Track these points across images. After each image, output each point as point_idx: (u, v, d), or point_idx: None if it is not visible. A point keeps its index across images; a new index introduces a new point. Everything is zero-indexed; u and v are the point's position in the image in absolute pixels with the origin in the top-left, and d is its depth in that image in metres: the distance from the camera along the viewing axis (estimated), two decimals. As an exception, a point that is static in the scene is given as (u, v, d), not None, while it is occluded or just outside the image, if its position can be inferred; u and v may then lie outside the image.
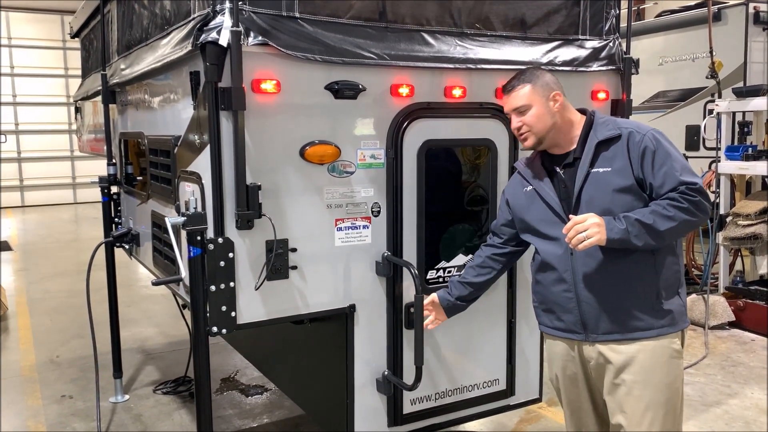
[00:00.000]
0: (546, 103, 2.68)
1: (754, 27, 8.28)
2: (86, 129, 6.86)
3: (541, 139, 2.70)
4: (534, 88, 2.68)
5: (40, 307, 8.09)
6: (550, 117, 2.68)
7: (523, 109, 2.69)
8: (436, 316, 3.11)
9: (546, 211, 2.71)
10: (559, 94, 2.70)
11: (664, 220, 2.45)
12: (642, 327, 2.59)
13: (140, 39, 4.04)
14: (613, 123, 2.68)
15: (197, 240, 2.87)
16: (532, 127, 2.68)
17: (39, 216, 16.93)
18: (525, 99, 2.68)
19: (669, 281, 2.62)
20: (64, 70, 19.06)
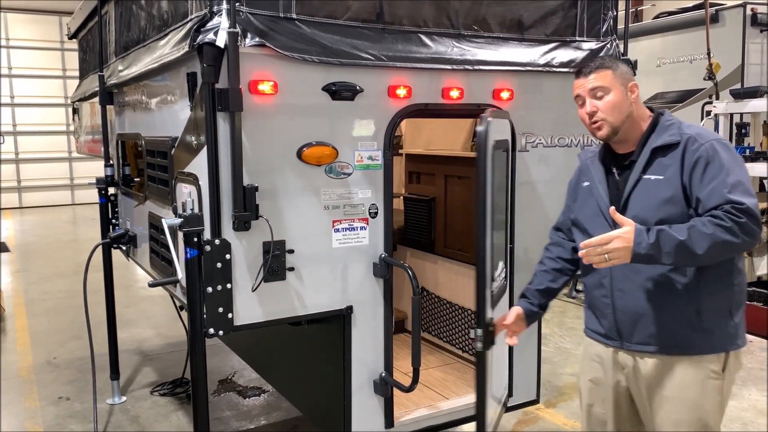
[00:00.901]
0: (624, 92, 2.52)
1: (752, 28, 8.29)
2: (84, 130, 6.85)
3: (616, 129, 2.52)
4: (614, 74, 2.51)
5: (37, 309, 8.08)
6: (627, 107, 2.52)
7: (600, 93, 2.51)
8: (515, 330, 2.77)
9: (596, 211, 2.59)
10: (636, 86, 2.54)
11: (701, 238, 2.23)
12: (677, 344, 2.46)
13: (138, 40, 4.04)
14: (677, 128, 2.49)
15: (194, 241, 2.87)
16: (608, 114, 2.50)
17: (37, 217, 16.90)
18: (605, 81, 2.50)
19: (717, 300, 2.44)
20: (62, 71, 19.03)
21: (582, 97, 2.56)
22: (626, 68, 2.57)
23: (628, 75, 2.56)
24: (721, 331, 2.46)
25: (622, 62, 2.60)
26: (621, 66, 2.56)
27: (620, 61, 2.61)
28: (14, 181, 18.57)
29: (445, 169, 5.02)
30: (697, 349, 2.45)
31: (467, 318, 4.76)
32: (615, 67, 2.54)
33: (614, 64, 2.55)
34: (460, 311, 4.83)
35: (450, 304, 4.95)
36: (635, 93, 2.54)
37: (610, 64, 2.55)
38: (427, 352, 4.92)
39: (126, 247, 4.72)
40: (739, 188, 2.30)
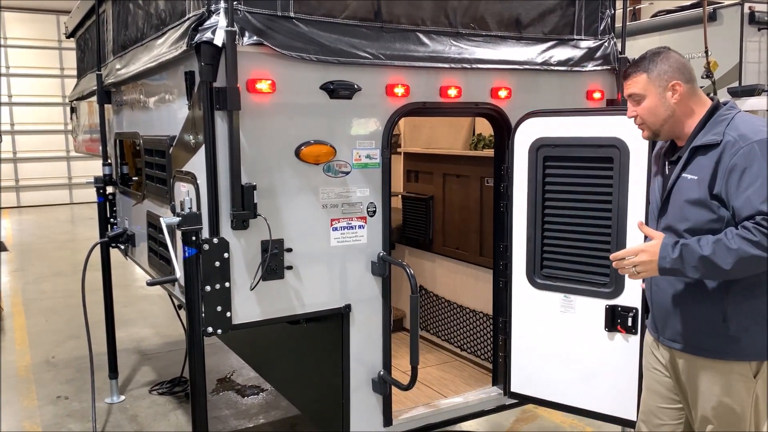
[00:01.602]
0: (662, 94, 2.51)
1: (750, 27, 8.28)
2: (82, 129, 6.84)
3: (656, 132, 2.57)
4: (650, 78, 2.52)
5: (35, 308, 8.07)
6: (665, 110, 2.51)
7: (637, 98, 2.56)
8: None
9: (653, 206, 2.67)
10: (679, 84, 2.50)
11: (727, 253, 2.25)
12: (702, 347, 2.49)
13: (135, 39, 4.04)
14: (725, 125, 2.43)
15: (192, 240, 2.87)
16: (645, 119, 2.56)
17: (35, 216, 16.88)
18: (639, 88, 2.54)
19: (747, 307, 2.41)
20: (60, 70, 18.99)
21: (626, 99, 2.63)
22: (666, 67, 2.52)
23: (669, 74, 2.51)
24: (749, 339, 2.43)
25: (668, 57, 2.54)
26: (660, 65, 2.52)
27: (666, 58, 2.54)
28: (12, 180, 18.54)
29: (444, 167, 5.02)
30: (721, 354, 2.46)
31: (465, 316, 4.76)
32: (651, 69, 2.52)
33: (651, 65, 2.53)
34: (459, 310, 4.84)
35: (448, 302, 4.96)
36: (677, 92, 2.51)
37: (646, 67, 2.53)
38: (425, 350, 4.92)
39: (124, 246, 4.72)
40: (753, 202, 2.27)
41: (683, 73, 2.53)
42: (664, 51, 2.58)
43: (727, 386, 2.47)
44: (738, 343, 2.43)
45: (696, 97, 2.55)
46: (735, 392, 2.47)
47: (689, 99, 2.53)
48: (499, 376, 3.88)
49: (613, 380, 3.34)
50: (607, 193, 3.25)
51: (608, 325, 3.30)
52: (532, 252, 3.50)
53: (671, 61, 2.53)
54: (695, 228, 2.43)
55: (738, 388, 2.47)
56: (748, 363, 2.45)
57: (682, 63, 2.55)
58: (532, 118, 3.44)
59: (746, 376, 2.46)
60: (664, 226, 2.56)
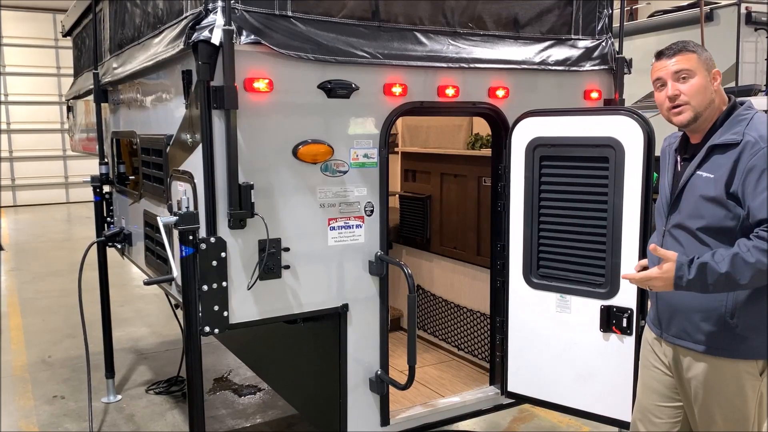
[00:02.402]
0: (708, 78, 2.49)
1: (746, 27, 8.30)
2: (78, 128, 6.82)
3: (698, 115, 2.49)
4: (700, 58, 2.48)
5: (32, 307, 8.05)
6: (711, 93, 2.48)
7: (685, 75, 2.47)
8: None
9: (661, 202, 2.66)
10: (719, 74, 2.50)
11: (744, 267, 2.26)
12: (709, 344, 2.48)
13: (132, 38, 4.03)
14: (745, 125, 2.42)
15: (189, 239, 2.86)
16: (692, 98, 2.47)
17: (31, 215, 16.84)
18: (690, 65, 2.46)
19: (754, 307, 2.41)
20: (56, 68, 18.95)
21: (663, 79, 2.52)
22: (709, 54, 2.52)
23: (712, 62, 2.51)
24: (756, 337, 2.43)
25: (704, 49, 2.54)
26: (705, 52, 2.52)
27: (703, 48, 2.54)
28: (8, 179, 18.50)
29: (441, 167, 5.02)
30: (729, 352, 2.46)
31: (463, 316, 4.76)
32: (700, 51, 2.50)
33: (699, 48, 2.52)
34: (456, 309, 4.84)
35: (446, 302, 4.96)
36: (717, 80, 2.50)
37: (695, 48, 2.51)
38: (422, 350, 4.93)
39: (121, 245, 4.71)
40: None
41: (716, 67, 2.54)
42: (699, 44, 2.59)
43: (735, 384, 2.47)
44: (745, 341, 2.43)
45: (723, 93, 2.55)
46: (742, 390, 2.48)
47: (721, 91, 2.53)
48: (497, 375, 3.88)
49: (608, 381, 3.33)
50: (602, 193, 3.25)
51: (603, 326, 3.29)
52: (528, 251, 3.50)
53: (709, 53, 2.53)
54: (710, 226, 2.43)
55: (745, 386, 2.47)
56: (755, 361, 2.45)
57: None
58: (529, 118, 3.44)
59: (753, 374, 2.47)
60: (674, 223, 2.56)
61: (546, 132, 3.39)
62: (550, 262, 3.45)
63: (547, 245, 3.45)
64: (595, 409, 3.41)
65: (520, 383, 3.65)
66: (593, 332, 3.33)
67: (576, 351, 3.40)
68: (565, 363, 3.45)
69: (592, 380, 3.38)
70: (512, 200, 3.53)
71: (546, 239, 3.45)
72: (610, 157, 3.19)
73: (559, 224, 3.40)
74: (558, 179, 3.39)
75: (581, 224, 3.33)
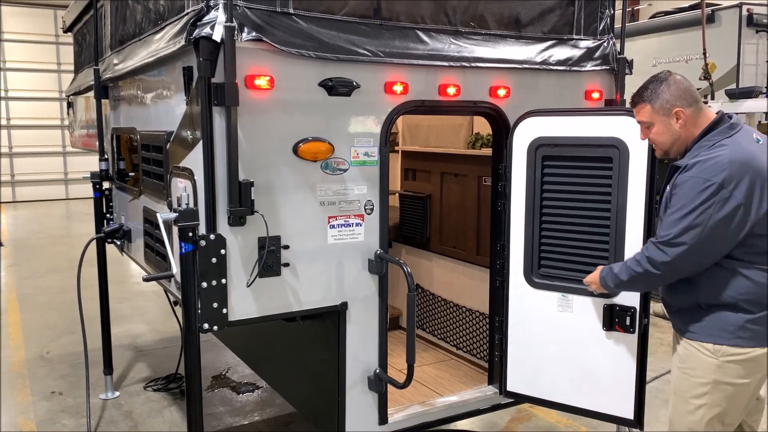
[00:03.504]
0: (667, 121, 2.78)
1: (747, 29, 8.30)
2: (78, 124, 6.82)
3: (667, 151, 2.87)
4: (653, 108, 2.78)
5: (30, 303, 8.05)
6: (670, 134, 2.79)
7: (645, 125, 2.85)
8: None
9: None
10: (682, 111, 2.74)
11: (629, 273, 2.85)
12: (684, 330, 2.85)
13: (133, 34, 4.02)
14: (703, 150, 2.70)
15: (189, 236, 2.86)
16: (655, 142, 2.87)
17: (31, 212, 16.84)
18: (645, 117, 2.83)
19: (714, 298, 2.73)
20: (57, 65, 18.95)
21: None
22: (668, 96, 2.75)
23: (671, 103, 2.75)
24: (716, 324, 2.74)
25: (669, 87, 2.75)
26: (662, 95, 2.75)
27: (668, 86, 2.75)
28: (8, 175, 18.49)
29: (441, 166, 5.02)
30: (694, 335, 2.80)
31: (462, 315, 4.76)
32: (654, 99, 2.77)
33: (653, 96, 2.77)
34: (455, 309, 4.84)
35: (445, 301, 4.95)
36: (681, 118, 2.75)
37: (649, 98, 2.78)
38: (421, 349, 4.92)
39: (120, 241, 4.71)
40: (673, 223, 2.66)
41: (685, 99, 2.75)
42: (666, 77, 2.79)
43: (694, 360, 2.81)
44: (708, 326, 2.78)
45: (701, 117, 2.77)
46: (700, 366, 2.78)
47: (695, 120, 2.76)
48: (495, 375, 3.87)
49: (611, 379, 3.34)
50: (606, 193, 3.25)
51: (606, 325, 3.30)
52: (530, 251, 3.50)
53: (672, 89, 2.76)
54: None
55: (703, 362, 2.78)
56: (714, 346, 2.75)
57: (683, 88, 2.77)
58: (531, 118, 3.44)
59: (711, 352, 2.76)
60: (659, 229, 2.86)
61: (549, 132, 3.39)
62: (552, 262, 3.45)
63: (549, 244, 3.45)
64: (597, 407, 3.42)
65: (519, 382, 3.65)
66: (596, 331, 3.34)
67: (578, 350, 3.40)
68: (567, 362, 3.45)
69: (594, 379, 3.38)
70: (513, 200, 3.53)
71: (548, 238, 3.45)
72: (614, 157, 3.20)
73: (561, 223, 3.40)
74: (560, 179, 3.39)
75: (584, 223, 3.33)
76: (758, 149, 2.70)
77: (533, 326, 3.55)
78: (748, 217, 2.59)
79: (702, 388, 2.78)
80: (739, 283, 2.68)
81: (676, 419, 2.90)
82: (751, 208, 2.59)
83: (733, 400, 2.77)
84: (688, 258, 2.65)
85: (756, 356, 2.71)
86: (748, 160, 2.61)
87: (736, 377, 2.73)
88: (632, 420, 3.36)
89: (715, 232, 2.60)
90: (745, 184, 2.57)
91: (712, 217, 2.58)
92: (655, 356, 5.79)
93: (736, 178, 2.57)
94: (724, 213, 2.57)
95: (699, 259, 2.68)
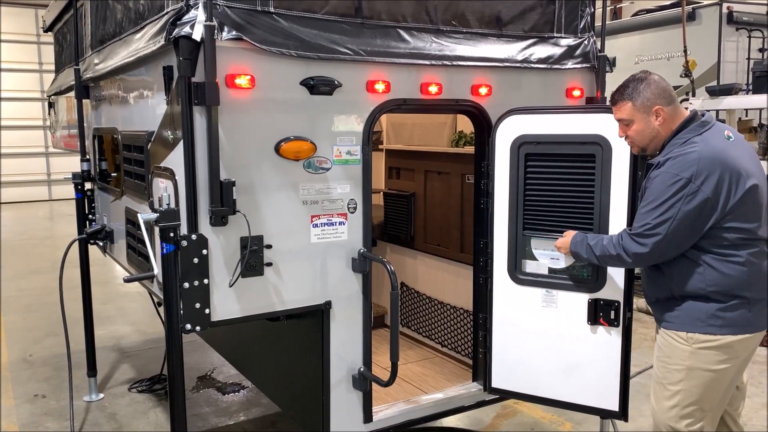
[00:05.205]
0: (647, 119, 2.85)
1: (728, 27, 8.40)
2: (60, 125, 6.76)
3: (644, 149, 2.95)
4: (634, 106, 2.85)
5: (13, 305, 7.97)
6: (650, 132, 2.87)
7: (625, 122, 2.92)
8: None
9: None
10: (662, 109, 2.83)
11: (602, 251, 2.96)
12: (661, 319, 2.97)
13: (114, 33, 3.99)
14: (675, 147, 2.80)
15: (170, 237, 2.85)
16: (634, 139, 2.93)
17: (13, 213, 16.66)
18: (626, 114, 2.89)
19: (686, 289, 2.83)
20: (38, 64, 18.74)
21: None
22: (649, 94, 2.83)
23: (652, 101, 2.83)
24: (688, 314, 2.85)
25: (649, 85, 2.84)
26: (643, 93, 2.83)
27: (648, 85, 2.84)
28: (-10, 176, 18.28)
29: (425, 164, 5.03)
30: (669, 323, 2.91)
31: (446, 313, 4.77)
32: (636, 97, 2.84)
33: (635, 93, 2.85)
34: (439, 306, 4.85)
35: (429, 299, 4.97)
36: (661, 116, 2.83)
37: (631, 96, 2.86)
38: (406, 347, 4.93)
39: (103, 242, 4.67)
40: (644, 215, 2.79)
41: (665, 97, 2.84)
42: (645, 77, 2.88)
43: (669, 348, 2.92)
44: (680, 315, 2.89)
45: (677, 115, 2.87)
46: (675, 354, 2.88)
47: (672, 119, 2.85)
48: (479, 371, 3.89)
49: (596, 372, 3.38)
50: (589, 190, 3.28)
51: (591, 319, 3.34)
52: (513, 248, 3.52)
53: (653, 88, 2.85)
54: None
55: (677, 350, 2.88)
56: (686, 334, 2.85)
57: (662, 87, 2.86)
58: (513, 116, 3.45)
59: (685, 340, 2.86)
60: None
61: (531, 130, 3.41)
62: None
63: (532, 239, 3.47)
64: (582, 400, 3.46)
65: (503, 378, 3.67)
66: (580, 325, 3.37)
67: (563, 344, 3.44)
68: (551, 356, 3.48)
69: (579, 372, 3.42)
70: (496, 197, 3.55)
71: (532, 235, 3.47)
72: (597, 154, 3.23)
73: (544, 221, 3.42)
74: (544, 176, 3.41)
75: (567, 220, 3.36)
76: (729, 146, 2.79)
77: (517, 322, 3.57)
78: (715, 210, 2.70)
79: (678, 374, 2.87)
80: (709, 275, 2.77)
81: (657, 406, 2.98)
82: (719, 201, 2.69)
83: (710, 386, 2.84)
84: (661, 248, 2.76)
85: (729, 342, 2.79)
86: (717, 156, 2.71)
87: (710, 363, 2.81)
88: (617, 412, 3.39)
89: (684, 224, 2.71)
90: (714, 179, 2.68)
91: (681, 210, 2.69)
92: (638, 351, 5.85)
93: (704, 173, 2.68)
94: (692, 206, 2.69)
95: (669, 249, 2.78)
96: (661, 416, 2.94)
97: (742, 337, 2.80)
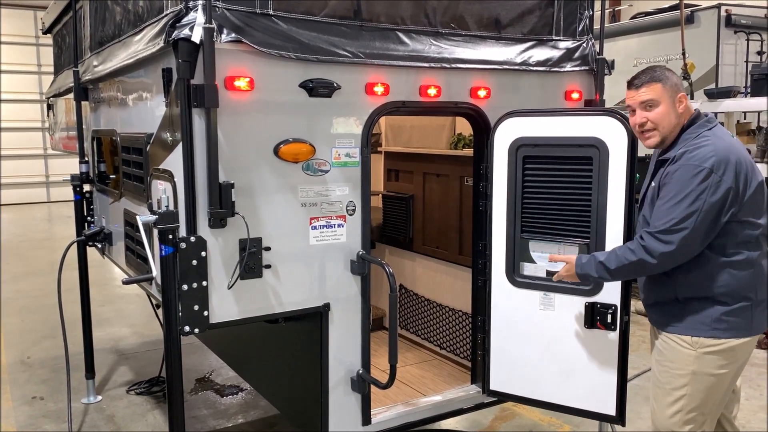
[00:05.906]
0: (673, 104, 2.80)
1: (726, 29, 8.40)
2: (59, 126, 6.75)
3: (665, 138, 2.84)
4: (664, 87, 2.78)
5: (11, 307, 7.96)
6: (676, 117, 2.81)
7: (651, 104, 2.80)
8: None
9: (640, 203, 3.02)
10: (685, 97, 2.81)
11: (619, 262, 2.81)
12: (663, 322, 2.92)
13: (113, 35, 3.99)
14: (687, 142, 2.76)
15: (169, 239, 2.85)
16: (658, 124, 2.80)
17: (12, 215, 16.64)
18: (655, 95, 2.78)
19: (692, 292, 2.79)
20: (37, 66, 18.74)
21: (632, 107, 2.86)
22: (676, 79, 2.82)
23: (678, 86, 2.81)
24: (694, 317, 2.81)
25: (673, 74, 2.82)
26: (671, 78, 2.81)
27: (672, 73, 2.82)
28: (-12, 178, 18.26)
29: (424, 166, 5.03)
30: (674, 327, 2.87)
31: (445, 315, 4.77)
32: (665, 79, 2.80)
33: (664, 76, 2.80)
34: (438, 308, 4.85)
35: (428, 301, 4.97)
36: (683, 103, 2.81)
37: (661, 77, 2.80)
38: (404, 349, 4.93)
39: (101, 244, 4.67)
40: (667, 213, 2.67)
41: (683, 89, 2.85)
42: (666, 68, 2.86)
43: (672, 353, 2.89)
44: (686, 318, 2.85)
45: (688, 110, 2.87)
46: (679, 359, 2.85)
47: (687, 111, 2.85)
48: (478, 374, 3.89)
49: (593, 377, 3.37)
50: (586, 192, 3.28)
51: (588, 322, 3.33)
52: (511, 250, 3.52)
53: (675, 78, 2.84)
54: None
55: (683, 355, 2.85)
56: (691, 338, 2.82)
57: (680, 80, 2.86)
58: (512, 118, 3.46)
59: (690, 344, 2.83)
60: (644, 226, 2.88)
61: (529, 132, 3.41)
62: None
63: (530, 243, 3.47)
64: (578, 404, 3.45)
65: (502, 381, 3.66)
66: (577, 329, 3.37)
67: (560, 347, 3.43)
68: (549, 360, 3.47)
69: (576, 376, 3.41)
70: (495, 199, 3.55)
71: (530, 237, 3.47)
72: (594, 157, 3.23)
73: (543, 223, 3.43)
74: (541, 178, 3.42)
75: (565, 223, 3.36)
76: (736, 141, 2.83)
77: (515, 325, 3.57)
78: (736, 201, 2.66)
79: (682, 379, 2.85)
80: (716, 276, 2.74)
81: (658, 411, 2.95)
82: (738, 192, 2.67)
83: (712, 390, 2.83)
84: (687, 244, 2.66)
85: (732, 346, 2.78)
86: (730, 149, 2.71)
87: (715, 368, 2.80)
88: (614, 416, 3.39)
89: (709, 217, 2.64)
90: (732, 170, 2.66)
91: (706, 201, 2.62)
92: (636, 354, 5.85)
93: (723, 163, 2.65)
94: (717, 197, 2.63)
95: (693, 246, 2.69)
96: (664, 421, 2.91)
97: (744, 340, 2.80)
